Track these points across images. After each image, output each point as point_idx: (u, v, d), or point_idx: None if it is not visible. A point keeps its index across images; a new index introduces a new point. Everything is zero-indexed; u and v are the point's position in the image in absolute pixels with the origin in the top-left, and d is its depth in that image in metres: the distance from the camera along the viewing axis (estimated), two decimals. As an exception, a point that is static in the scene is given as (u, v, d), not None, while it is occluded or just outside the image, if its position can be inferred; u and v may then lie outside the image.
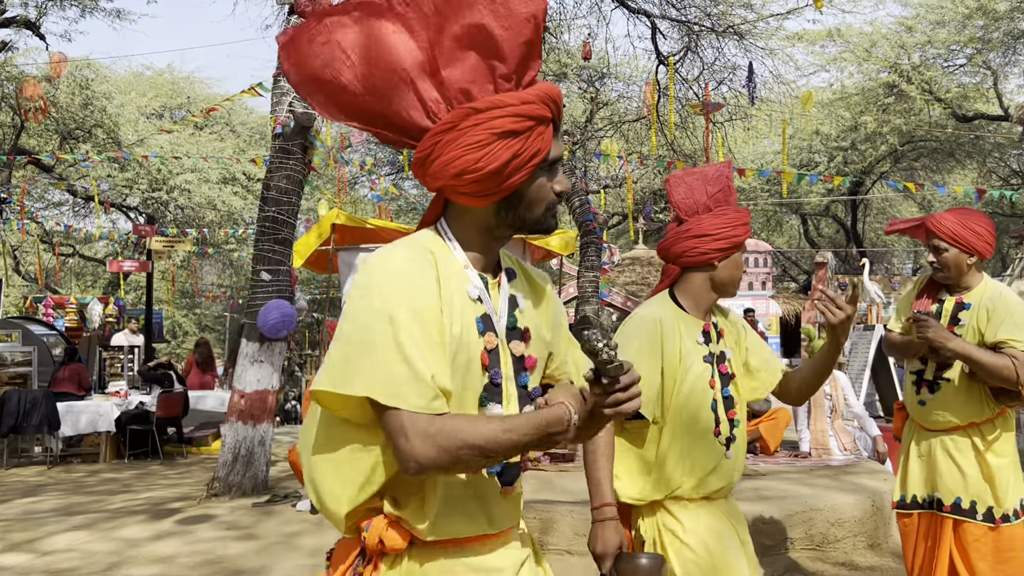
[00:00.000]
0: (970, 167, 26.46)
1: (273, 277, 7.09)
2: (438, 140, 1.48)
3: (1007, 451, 3.15)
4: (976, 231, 3.15)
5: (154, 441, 10.21)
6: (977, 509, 3.12)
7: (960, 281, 3.23)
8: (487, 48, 1.47)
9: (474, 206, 1.56)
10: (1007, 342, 3.04)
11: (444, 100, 1.49)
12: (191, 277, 27.20)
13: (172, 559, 5.08)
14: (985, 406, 3.14)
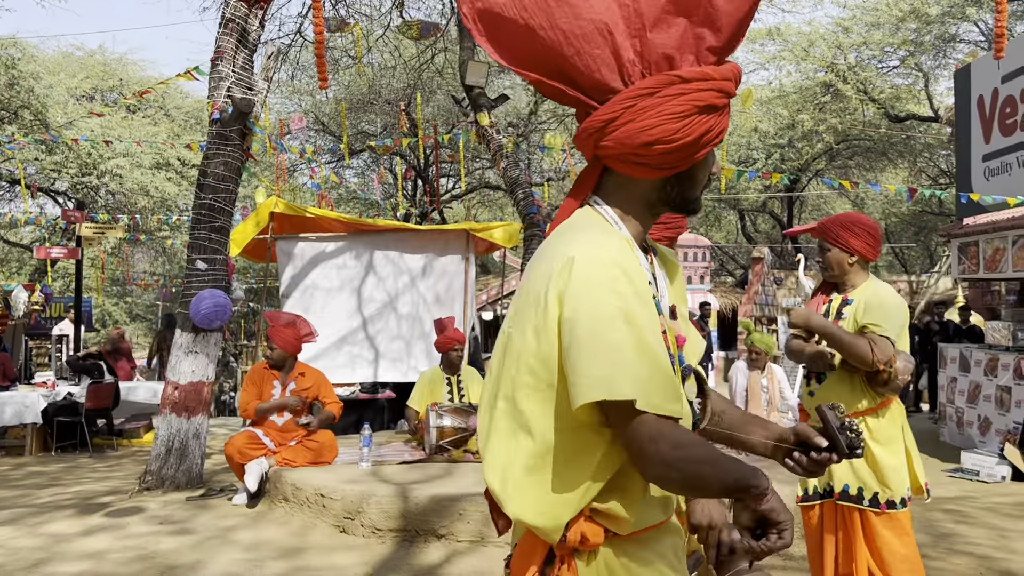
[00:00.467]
0: (901, 166, 27.17)
1: (209, 266, 6.93)
2: (632, 105, 1.38)
3: (893, 440, 3.31)
4: (856, 233, 3.39)
5: (83, 433, 9.93)
6: (864, 495, 3.28)
7: (845, 280, 3.45)
8: (703, 16, 1.38)
9: (644, 178, 1.48)
10: (868, 326, 3.25)
11: (642, 63, 1.39)
12: (122, 265, 26.50)
13: (102, 555, 4.93)
14: (866, 396, 3.32)
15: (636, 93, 1.38)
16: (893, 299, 3.31)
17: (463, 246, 9.79)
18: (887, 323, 3.22)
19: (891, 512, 3.26)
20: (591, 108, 1.43)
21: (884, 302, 3.29)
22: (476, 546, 4.87)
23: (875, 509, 3.26)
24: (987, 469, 8.21)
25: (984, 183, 10.64)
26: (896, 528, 3.27)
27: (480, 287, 20.39)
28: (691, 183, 1.51)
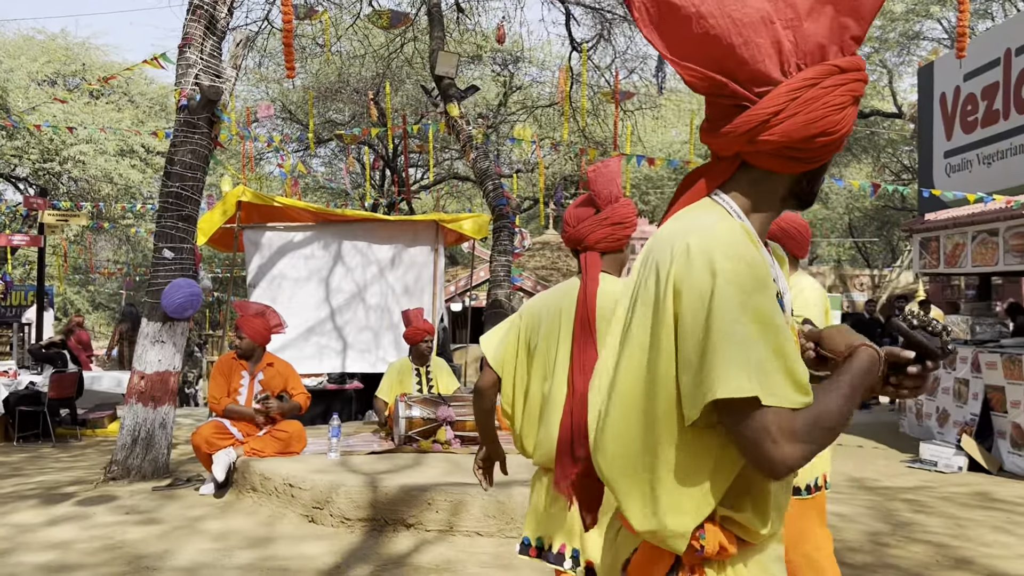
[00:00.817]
0: (865, 161, 27.56)
1: (176, 255, 6.88)
2: (796, 97, 1.34)
3: None
4: (786, 229, 3.46)
5: (46, 423, 9.80)
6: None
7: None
8: (848, 5, 1.36)
9: (784, 173, 1.44)
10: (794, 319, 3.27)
11: (797, 54, 1.36)
12: (84, 253, 26.12)
13: (68, 545, 4.90)
14: None
15: (800, 85, 1.34)
16: (813, 293, 3.37)
17: (432, 237, 9.79)
18: (807, 311, 3.25)
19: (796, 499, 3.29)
20: (746, 104, 1.38)
21: (804, 296, 3.35)
22: (444, 535, 4.91)
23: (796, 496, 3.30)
24: (944, 460, 8.39)
25: (946, 179, 10.85)
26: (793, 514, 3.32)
27: (449, 278, 20.40)
28: (821, 175, 1.49)
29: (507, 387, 2.70)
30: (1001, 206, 8.58)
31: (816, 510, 3.37)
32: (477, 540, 4.86)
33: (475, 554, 4.65)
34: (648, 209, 27.83)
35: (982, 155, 10.06)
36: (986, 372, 8.65)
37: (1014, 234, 8.89)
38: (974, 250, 9.63)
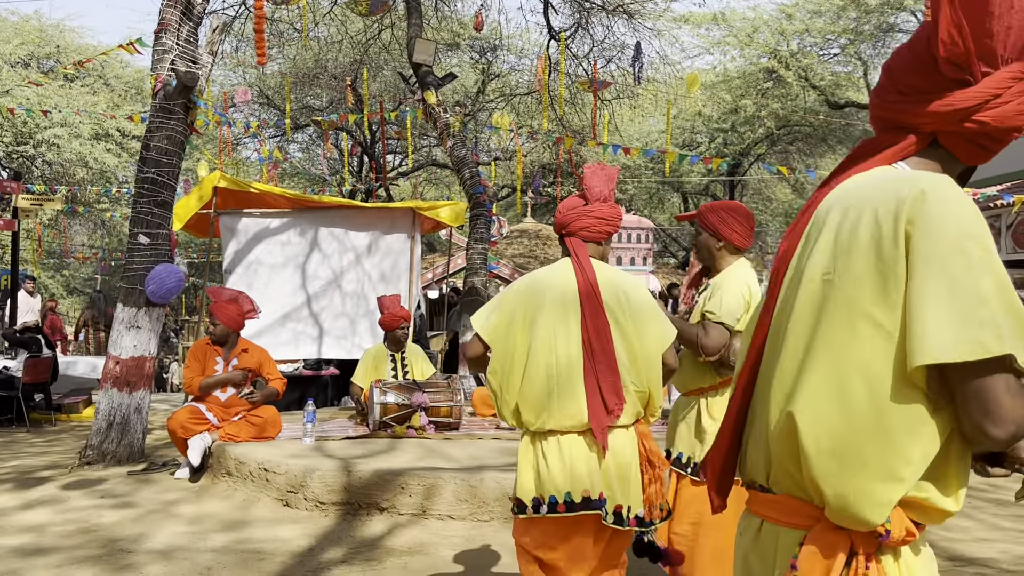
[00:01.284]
0: (840, 152, 27.79)
1: (151, 241, 6.88)
2: (1012, 85, 1.35)
3: (719, 417, 3.42)
4: (727, 221, 3.52)
5: (20, 408, 9.77)
6: (688, 462, 3.47)
7: (713, 264, 3.59)
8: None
9: (966, 163, 1.46)
10: (705, 312, 3.40)
11: (1008, 47, 1.35)
12: (59, 237, 25.89)
13: (43, 528, 4.93)
14: (707, 374, 3.47)
15: (1017, 74, 1.35)
16: (734, 287, 3.41)
17: (409, 224, 9.82)
18: (721, 310, 3.34)
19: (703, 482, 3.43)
20: (969, 80, 1.37)
21: (724, 289, 3.41)
22: (417, 519, 4.98)
23: (694, 477, 3.42)
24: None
25: (915, 171, 11.02)
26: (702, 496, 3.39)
27: (426, 265, 20.42)
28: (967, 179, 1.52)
29: (495, 362, 2.80)
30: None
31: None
32: (449, 523, 4.94)
33: (447, 537, 4.73)
34: (625, 198, 27.93)
35: (951, 148, 10.22)
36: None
37: (981, 226, 9.07)
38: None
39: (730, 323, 3.36)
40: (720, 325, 3.34)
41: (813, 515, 1.38)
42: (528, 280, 2.91)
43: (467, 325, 10.69)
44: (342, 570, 4.21)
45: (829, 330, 1.33)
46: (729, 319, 3.35)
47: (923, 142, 1.43)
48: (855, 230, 1.33)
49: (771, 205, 34.98)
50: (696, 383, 3.51)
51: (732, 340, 3.38)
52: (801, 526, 1.39)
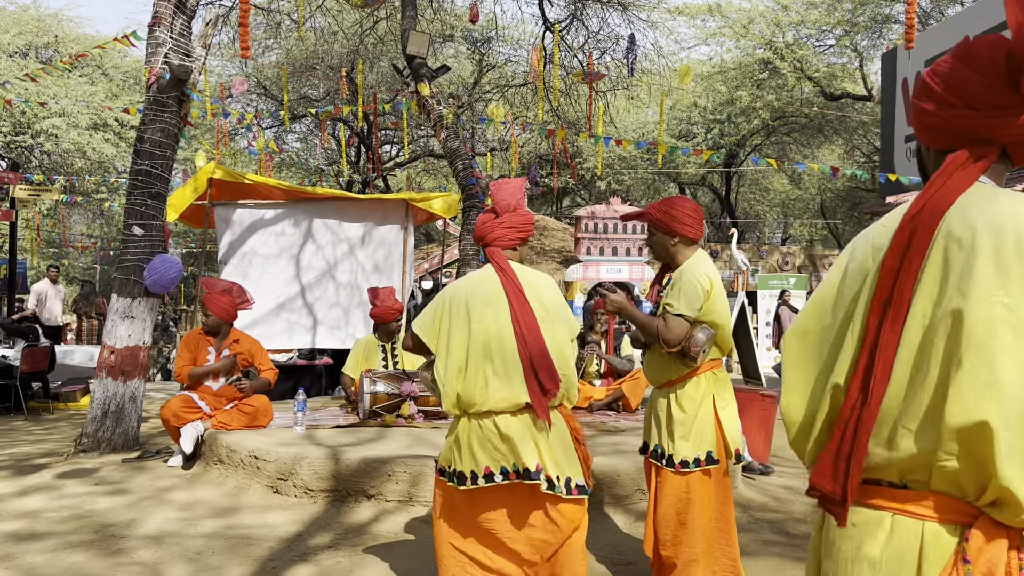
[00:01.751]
0: (837, 143, 27.86)
1: (145, 232, 6.98)
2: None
3: (691, 408, 3.58)
4: (675, 215, 3.62)
5: (17, 396, 9.88)
6: (663, 454, 3.61)
7: (672, 260, 3.69)
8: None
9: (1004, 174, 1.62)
10: (665, 306, 3.53)
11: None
12: (57, 226, 25.97)
13: (38, 514, 5.04)
14: (673, 366, 3.59)
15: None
16: (691, 279, 3.52)
17: (402, 216, 9.91)
18: (679, 302, 3.46)
19: (683, 471, 3.54)
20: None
21: (682, 282, 3.52)
22: (404, 505, 5.09)
23: (670, 468, 3.56)
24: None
25: (906, 163, 11.10)
26: (679, 486, 3.55)
27: (423, 255, 20.51)
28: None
29: (439, 359, 3.13)
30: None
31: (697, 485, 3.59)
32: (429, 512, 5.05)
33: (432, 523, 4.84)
34: (622, 189, 27.99)
35: (940, 140, 10.30)
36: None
37: (968, 218, 9.15)
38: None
39: (689, 314, 3.47)
40: (679, 317, 3.46)
41: (971, 512, 1.48)
42: (458, 287, 3.25)
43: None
44: (329, 555, 4.32)
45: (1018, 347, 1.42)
46: (688, 311, 3.47)
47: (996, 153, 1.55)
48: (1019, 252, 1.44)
49: (768, 195, 35.07)
50: (664, 376, 3.63)
51: (693, 331, 3.49)
52: (960, 522, 1.49)
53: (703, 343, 3.48)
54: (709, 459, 3.55)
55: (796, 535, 4.97)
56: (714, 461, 3.56)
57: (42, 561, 4.18)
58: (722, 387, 3.66)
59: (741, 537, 4.82)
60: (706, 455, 3.55)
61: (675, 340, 3.45)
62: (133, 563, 4.17)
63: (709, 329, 3.52)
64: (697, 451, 3.54)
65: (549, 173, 24.60)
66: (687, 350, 3.47)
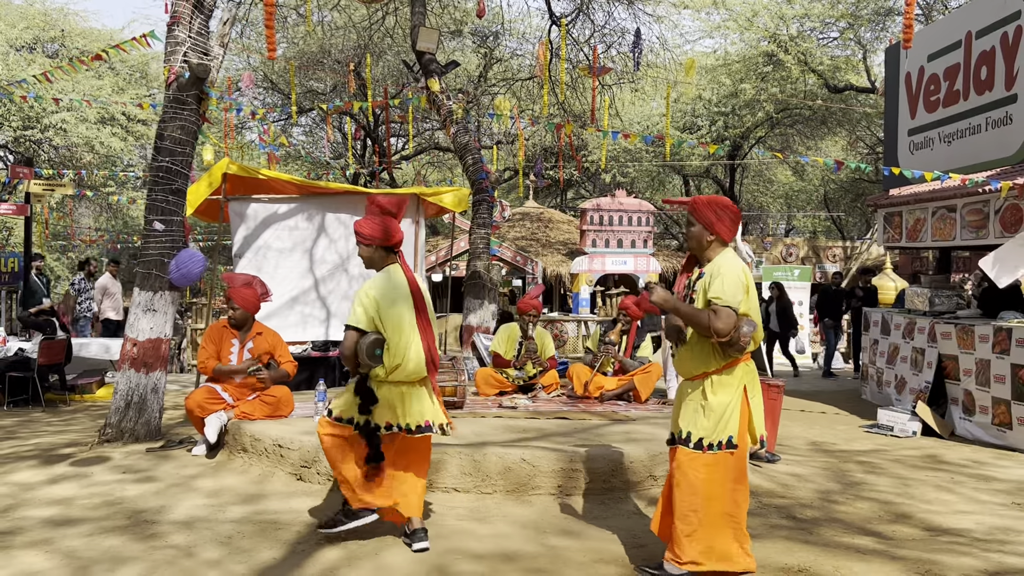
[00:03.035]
0: (841, 135, 27.94)
1: (166, 227, 7.14)
2: None
3: (725, 395, 3.79)
4: (720, 217, 3.83)
5: (35, 388, 10.06)
6: (691, 438, 3.81)
7: (703, 255, 3.88)
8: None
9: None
10: (712, 299, 3.71)
11: None
12: (64, 219, 26.15)
13: (70, 501, 5.22)
14: (712, 359, 3.79)
15: None
16: (733, 272, 3.74)
17: (413, 210, 10.07)
18: (726, 295, 3.67)
19: (698, 451, 3.78)
20: None
21: (724, 276, 3.72)
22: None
23: (699, 450, 3.77)
24: (900, 425, 8.85)
25: (909, 156, 11.23)
26: (698, 465, 3.78)
27: (430, 248, 20.66)
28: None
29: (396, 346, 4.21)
30: (957, 183, 8.97)
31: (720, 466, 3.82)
32: (454, 495, 5.23)
33: (452, 508, 5.02)
34: (627, 181, 28.12)
35: (943, 134, 10.44)
36: (941, 342, 9.10)
37: (970, 210, 9.30)
38: (934, 225, 10.05)
39: (735, 306, 3.66)
40: (728, 308, 3.64)
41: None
42: (377, 283, 4.24)
43: (470, 308, 10.96)
44: (354, 539, 4.49)
45: None
46: (734, 302, 3.67)
47: None
48: None
49: (772, 187, 35.17)
50: (701, 368, 3.82)
51: (739, 322, 3.68)
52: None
53: (749, 335, 3.69)
54: (729, 443, 3.75)
55: (803, 519, 5.15)
56: (733, 446, 3.76)
57: (80, 545, 4.36)
58: (752, 377, 3.89)
59: (750, 521, 5.00)
60: (727, 439, 3.75)
61: (726, 330, 3.64)
62: (168, 546, 4.35)
63: (752, 322, 3.73)
64: (720, 435, 3.75)
65: (554, 166, 24.71)
66: (735, 340, 3.66)
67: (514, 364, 8.07)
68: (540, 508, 5.08)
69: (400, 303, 4.20)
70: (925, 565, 4.28)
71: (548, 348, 8.33)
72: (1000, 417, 8.07)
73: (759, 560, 4.25)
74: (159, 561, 4.12)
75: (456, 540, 4.48)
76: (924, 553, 4.50)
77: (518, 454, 5.32)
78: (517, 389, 7.98)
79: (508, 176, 27.67)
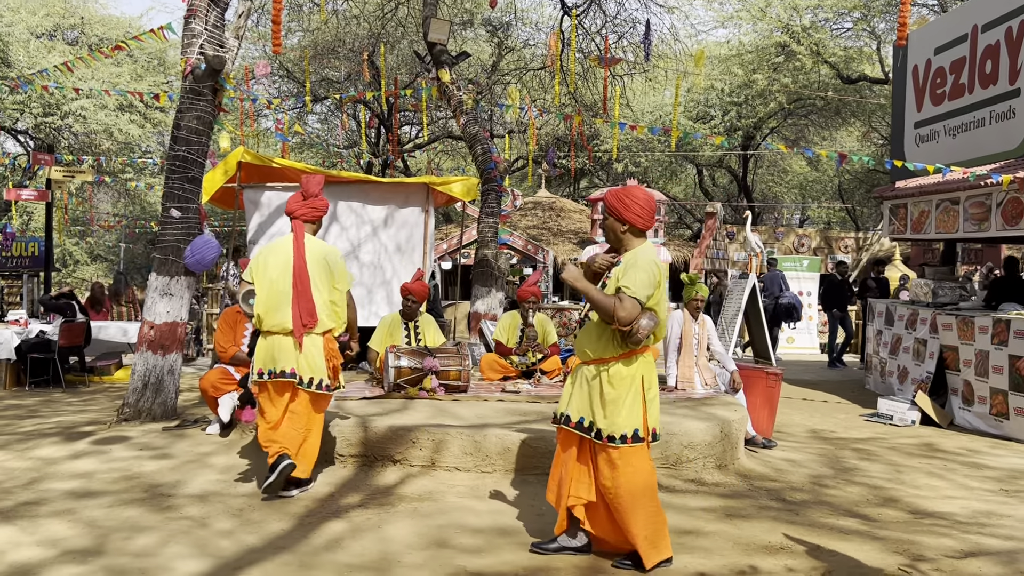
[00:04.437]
0: (855, 125, 27.90)
1: (183, 214, 7.37)
2: None
3: (622, 387, 3.85)
4: (629, 206, 3.91)
5: (56, 370, 10.36)
6: (592, 428, 3.89)
7: (620, 245, 3.98)
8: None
9: None
10: (621, 287, 3.79)
11: None
12: (82, 205, 26.52)
13: (91, 475, 5.48)
14: (611, 345, 3.86)
15: None
16: (647, 266, 3.79)
17: (423, 199, 10.27)
18: (635, 286, 3.74)
19: (610, 446, 3.84)
20: None
21: (638, 268, 3.78)
22: (427, 470, 5.50)
23: (598, 441, 3.86)
24: (899, 414, 9.00)
25: (915, 149, 11.33)
26: (610, 461, 3.87)
27: (441, 236, 20.87)
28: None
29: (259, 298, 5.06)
30: (960, 176, 9.08)
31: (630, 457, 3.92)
32: (456, 474, 5.45)
33: (454, 486, 5.24)
34: (639, 171, 28.20)
35: (948, 127, 10.54)
36: (943, 333, 9.24)
37: (973, 203, 9.41)
38: (938, 217, 10.16)
39: (642, 298, 3.75)
40: (634, 299, 3.74)
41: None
42: (264, 254, 5.10)
43: (478, 295, 11.17)
44: (359, 512, 4.72)
45: None
46: (642, 295, 3.75)
47: None
48: None
49: (786, 177, 35.15)
50: (599, 353, 3.89)
51: (641, 316, 3.79)
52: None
53: (648, 329, 3.76)
54: (636, 437, 3.86)
55: (792, 501, 5.33)
56: (640, 439, 3.87)
57: (101, 515, 4.61)
58: (650, 370, 3.95)
59: (739, 502, 5.20)
60: (633, 433, 3.85)
61: (628, 319, 3.71)
62: (183, 517, 4.60)
63: (654, 316, 3.80)
64: (625, 428, 3.84)
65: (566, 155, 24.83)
66: (634, 332, 3.74)
67: (516, 351, 8.27)
68: (537, 487, 5.28)
69: (272, 264, 5.03)
70: (904, 545, 4.46)
71: (550, 335, 8.51)
72: (997, 407, 8.22)
73: (743, 539, 4.45)
74: (175, 531, 4.36)
75: (456, 516, 4.70)
76: (905, 534, 4.68)
77: (518, 435, 5.53)
78: (520, 374, 8.18)
79: (521, 164, 27.82)
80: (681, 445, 5.72)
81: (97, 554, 3.98)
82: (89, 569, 3.78)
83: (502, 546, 4.24)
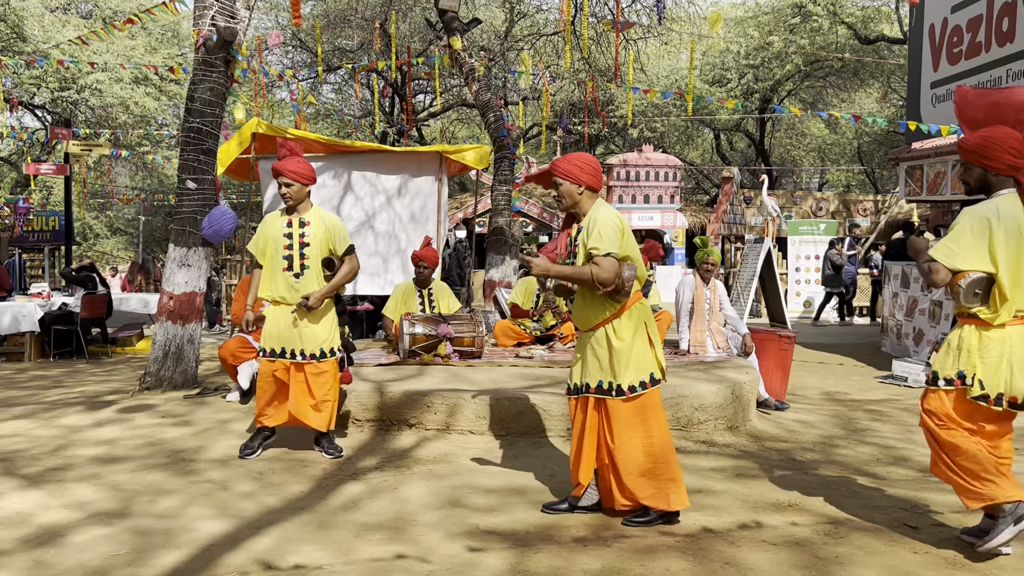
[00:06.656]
0: (874, 86, 27.55)
1: (198, 186, 7.46)
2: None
3: (629, 337, 3.95)
4: (579, 166, 4.00)
5: (79, 341, 10.55)
6: (612, 387, 3.96)
7: (577, 210, 4.05)
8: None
9: None
10: (591, 250, 3.87)
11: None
12: (101, 179, 26.72)
13: (115, 441, 5.62)
14: (606, 306, 3.96)
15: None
16: (607, 220, 3.88)
17: (436, 167, 10.30)
18: (603, 243, 3.83)
19: (634, 396, 3.94)
20: None
21: (600, 225, 3.87)
22: (441, 433, 5.60)
23: (620, 397, 3.94)
24: (914, 376, 9.03)
25: (931, 110, 11.23)
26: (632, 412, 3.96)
27: (456, 205, 20.90)
28: None
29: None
30: (975, 137, 9.00)
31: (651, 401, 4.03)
32: (470, 438, 5.55)
33: (468, 449, 5.35)
34: (655, 136, 28.03)
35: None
36: (956, 294, 9.21)
37: (989, 164, 9.33)
38: (953, 178, 10.10)
39: (616, 252, 3.84)
40: (609, 256, 3.83)
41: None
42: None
43: (492, 263, 11.23)
44: (376, 475, 4.84)
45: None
46: (614, 248, 3.83)
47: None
48: None
49: (804, 140, 34.80)
50: (598, 317, 3.99)
51: (621, 267, 3.88)
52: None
53: (631, 278, 3.86)
54: (653, 380, 3.98)
55: (802, 461, 5.40)
56: (656, 381, 4.00)
57: (125, 479, 4.75)
58: (648, 315, 4.05)
59: (749, 462, 5.28)
60: (650, 377, 3.97)
61: (610, 279, 3.81)
62: (205, 481, 4.73)
63: (632, 265, 3.89)
64: (642, 375, 3.95)
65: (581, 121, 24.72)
66: (620, 286, 3.85)
67: (532, 315, 8.33)
68: (550, 449, 5.38)
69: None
70: (911, 502, 4.52)
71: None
72: (1011, 367, 8.21)
73: (752, 497, 4.53)
74: (197, 493, 4.49)
75: (470, 477, 4.80)
76: (912, 492, 4.73)
77: (530, 399, 5.62)
78: (535, 340, 8.26)
79: (536, 131, 27.71)
80: (692, 407, 5.79)
81: (122, 516, 4.12)
82: (115, 530, 3.91)
83: (515, 505, 4.34)
